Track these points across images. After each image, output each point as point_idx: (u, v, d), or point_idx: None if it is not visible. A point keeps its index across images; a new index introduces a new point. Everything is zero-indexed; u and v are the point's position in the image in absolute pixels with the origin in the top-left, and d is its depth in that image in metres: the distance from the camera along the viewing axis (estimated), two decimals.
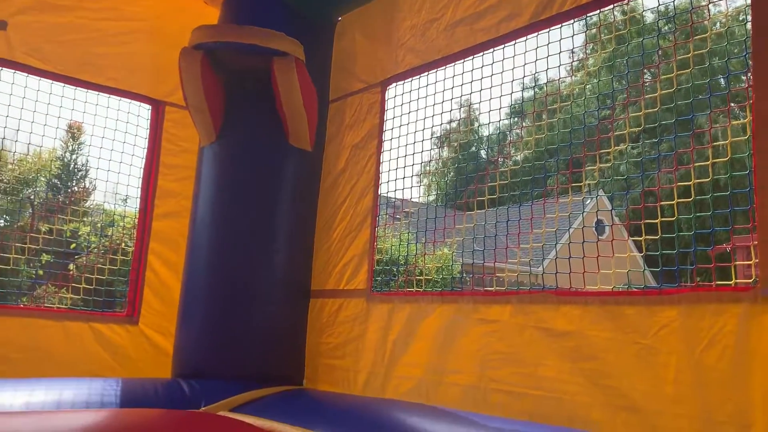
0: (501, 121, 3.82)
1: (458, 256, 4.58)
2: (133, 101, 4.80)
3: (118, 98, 4.76)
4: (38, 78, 4.45)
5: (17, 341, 4.08)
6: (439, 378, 3.41)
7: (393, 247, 4.65)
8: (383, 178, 4.15)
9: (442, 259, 7.51)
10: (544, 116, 3.72)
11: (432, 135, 4.20)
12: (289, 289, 4.26)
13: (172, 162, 4.81)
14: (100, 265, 4.90)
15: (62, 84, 4.52)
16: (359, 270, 4.10)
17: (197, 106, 4.21)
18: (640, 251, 2.95)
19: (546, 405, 2.88)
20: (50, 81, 4.49)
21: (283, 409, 3.38)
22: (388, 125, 4.21)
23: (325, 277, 4.32)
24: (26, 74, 4.39)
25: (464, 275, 4.26)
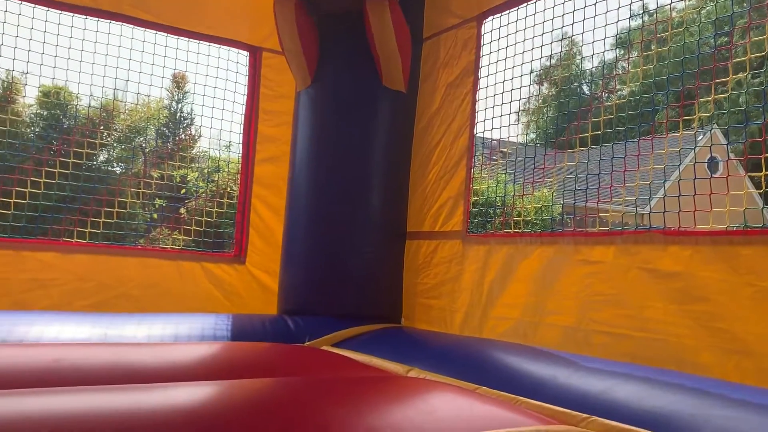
0: (605, 53, 3.59)
1: (558, 197, 4.44)
2: (231, 48, 4.92)
3: (218, 46, 4.88)
4: (143, 29, 4.63)
5: (137, 279, 4.40)
6: (537, 319, 3.38)
7: (489, 189, 4.57)
8: (479, 117, 4.06)
9: (541, 200, 7.33)
10: (653, 46, 3.48)
11: (531, 71, 4.04)
12: (385, 231, 4.31)
13: (270, 108, 4.91)
14: (208, 209, 5.15)
15: (165, 34, 4.69)
16: (455, 212, 4.08)
17: (292, 50, 4.25)
18: (758, 188, 2.74)
19: (651, 347, 2.80)
20: (154, 32, 4.66)
21: (383, 345, 3.48)
22: (484, 62, 4.08)
23: (421, 218, 4.34)
24: (132, 26, 4.57)
25: (565, 216, 4.14)
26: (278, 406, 1.97)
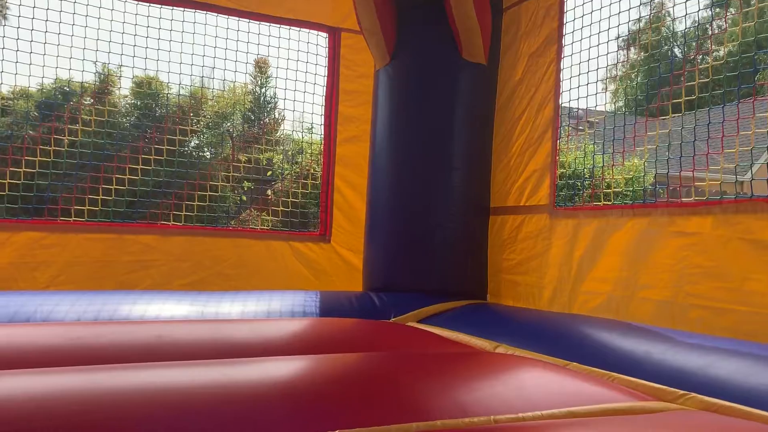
0: (699, 12, 3.38)
1: (650, 166, 4.25)
2: (311, 30, 4.98)
3: (298, 29, 4.96)
4: (227, 17, 4.77)
5: (230, 259, 4.59)
6: (630, 293, 3.26)
7: (576, 160, 4.43)
8: (564, 86, 3.93)
9: (631, 170, 7.04)
10: (753, 1, 3.23)
11: (618, 35, 3.86)
12: (468, 207, 4.27)
13: (350, 88, 4.95)
14: (293, 190, 5.27)
15: (248, 20, 4.81)
16: (540, 185, 3.98)
17: (370, 29, 4.25)
18: None
19: (753, 322, 2.65)
20: (237, 18, 4.79)
21: (469, 321, 3.47)
22: (568, 29, 3.93)
23: (505, 193, 4.26)
24: (216, 14, 4.72)
25: (657, 186, 3.95)
26: (368, 380, 2.01)
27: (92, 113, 5.39)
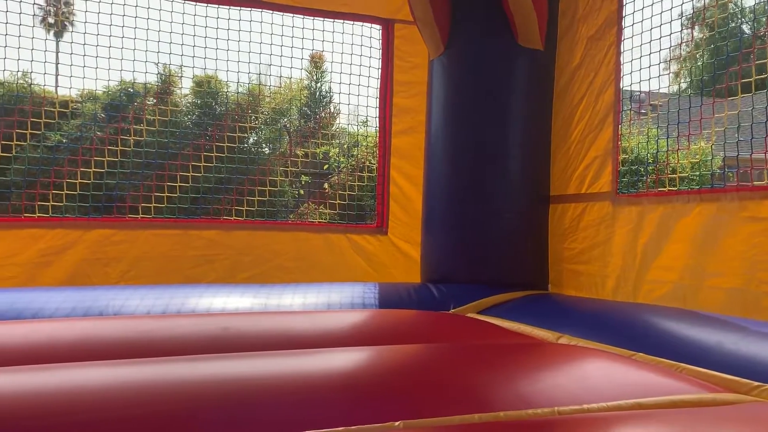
0: None
1: (718, 149, 4.08)
2: (364, 24, 4.99)
3: (351, 23, 4.98)
4: (282, 14, 4.83)
5: (289, 252, 4.68)
6: (698, 282, 3.15)
7: (639, 145, 4.29)
8: (625, 69, 3.81)
9: (698, 153, 6.77)
10: None
11: (680, 14, 3.71)
12: (527, 196, 4.21)
13: (404, 79, 4.94)
14: (350, 183, 5.31)
15: (302, 16, 4.87)
16: (602, 172, 3.88)
17: (424, 19, 4.22)
18: None
19: None
20: (292, 15, 4.85)
21: (530, 312, 3.42)
22: (627, 10, 3.80)
23: (565, 181, 4.18)
24: (272, 11, 4.79)
25: (726, 170, 3.79)
26: (429, 371, 2.02)
27: (155, 113, 5.57)
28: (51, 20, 23.42)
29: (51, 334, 2.48)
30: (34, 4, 4.63)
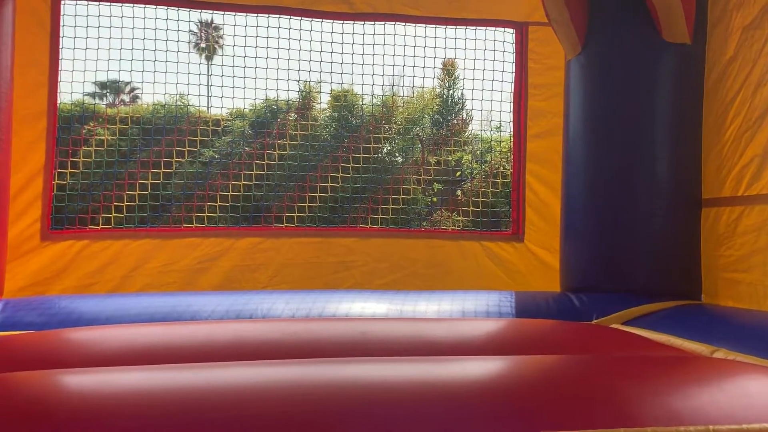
0: None
1: None
2: (497, 28, 4.95)
3: (483, 28, 4.96)
4: (414, 25, 4.92)
5: (423, 259, 4.73)
6: None
7: None
8: None
9: None
10: None
11: None
12: (676, 199, 3.94)
13: (539, 81, 4.84)
14: (483, 189, 5.27)
15: (434, 26, 4.92)
16: (762, 172, 3.55)
17: (559, 19, 4.11)
18: None
19: None
20: (424, 25, 4.92)
21: (681, 324, 3.20)
22: None
23: (719, 183, 3.86)
24: (404, 23, 4.89)
25: None
26: (569, 383, 1.95)
27: (297, 128, 5.87)
28: (203, 45, 25.45)
29: (208, 335, 2.69)
30: (189, 31, 5.07)
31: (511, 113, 4.95)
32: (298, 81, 5.57)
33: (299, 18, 4.84)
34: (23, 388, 1.83)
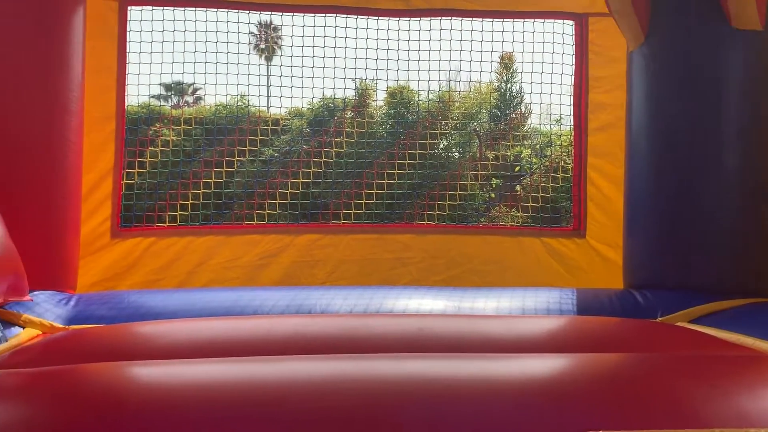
0: None
1: None
2: (556, 20, 4.86)
3: (542, 20, 4.87)
4: (471, 19, 4.88)
5: (481, 255, 4.69)
6: None
7: None
8: None
9: None
10: None
11: None
12: (747, 192, 3.77)
13: (600, 74, 4.73)
14: (543, 184, 5.19)
15: (491, 19, 4.87)
16: None
17: (621, 9, 3.99)
18: None
19: None
20: (481, 19, 4.87)
21: (754, 322, 3.06)
22: None
23: None
24: (461, 18, 4.86)
25: None
26: (635, 381, 1.90)
27: (353, 125, 5.93)
28: (262, 46, 25.93)
29: (269, 329, 2.75)
30: (249, 33, 5.19)
31: (572, 106, 4.85)
32: (355, 79, 5.62)
33: (355, 16, 4.87)
34: (95, 378, 1.92)
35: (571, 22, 4.82)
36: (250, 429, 1.53)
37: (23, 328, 3.04)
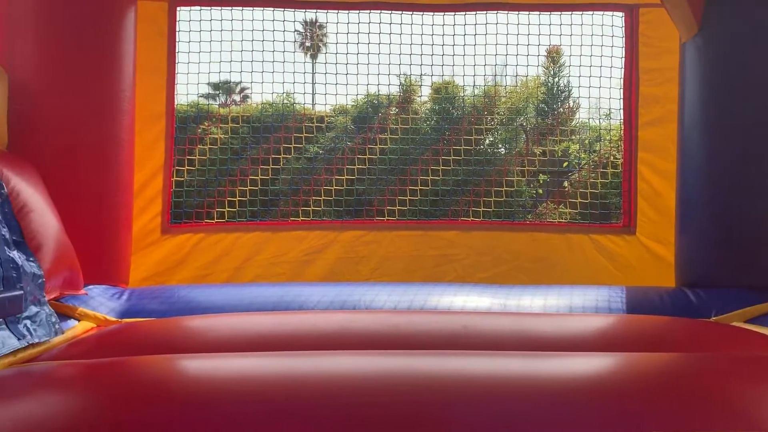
0: None
1: None
2: (605, 12, 4.75)
3: (591, 13, 4.77)
4: (517, 13, 4.81)
5: (528, 253, 4.62)
6: None
7: None
8: None
9: None
10: None
11: None
12: None
13: (651, 66, 4.60)
14: (592, 180, 5.08)
15: (538, 12, 4.79)
16: None
17: (673, 0, 3.88)
18: None
19: None
20: (527, 12, 4.80)
21: None
22: None
23: None
24: (507, 12, 4.79)
25: None
26: (688, 382, 1.84)
27: (398, 122, 5.91)
28: (308, 44, 26.17)
29: (314, 324, 2.78)
30: (295, 31, 5.24)
31: (621, 100, 4.73)
32: (399, 75, 5.61)
33: (400, 12, 4.86)
34: (146, 370, 1.97)
35: (620, 14, 4.70)
36: (295, 422, 1.54)
37: (78, 320, 3.15)
